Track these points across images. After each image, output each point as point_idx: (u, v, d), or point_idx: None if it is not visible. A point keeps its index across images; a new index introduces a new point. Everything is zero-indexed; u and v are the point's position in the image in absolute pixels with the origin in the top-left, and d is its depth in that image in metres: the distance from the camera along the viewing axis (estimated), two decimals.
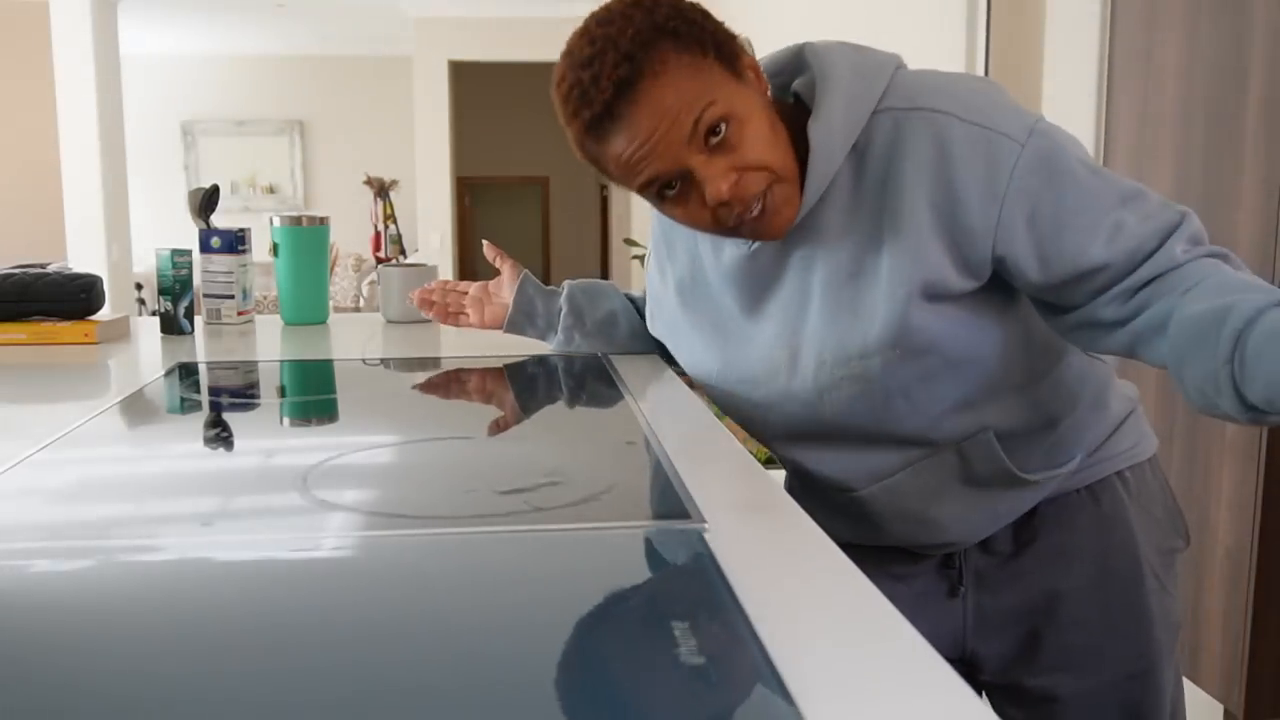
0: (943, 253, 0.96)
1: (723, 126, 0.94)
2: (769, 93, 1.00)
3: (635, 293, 1.46)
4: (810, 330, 1.05)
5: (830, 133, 0.98)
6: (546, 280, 9.26)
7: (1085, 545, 1.14)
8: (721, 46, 0.96)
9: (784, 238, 1.03)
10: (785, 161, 0.98)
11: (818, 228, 1.03)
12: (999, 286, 1.00)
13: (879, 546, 1.19)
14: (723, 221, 0.98)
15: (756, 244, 1.06)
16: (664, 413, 1.15)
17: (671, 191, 0.98)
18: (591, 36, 0.94)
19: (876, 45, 1.08)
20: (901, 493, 1.12)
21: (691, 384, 1.32)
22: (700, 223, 1.00)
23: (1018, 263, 0.95)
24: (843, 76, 1.00)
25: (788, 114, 1.01)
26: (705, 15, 0.97)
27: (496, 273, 1.46)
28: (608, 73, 0.92)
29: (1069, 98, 2.52)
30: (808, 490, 1.18)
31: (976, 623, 1.18)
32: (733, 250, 1.10)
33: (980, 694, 1.21)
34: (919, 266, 0.97)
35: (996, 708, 1.19)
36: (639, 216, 7.66)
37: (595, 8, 0.98)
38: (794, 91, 1.05)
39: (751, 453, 1.01)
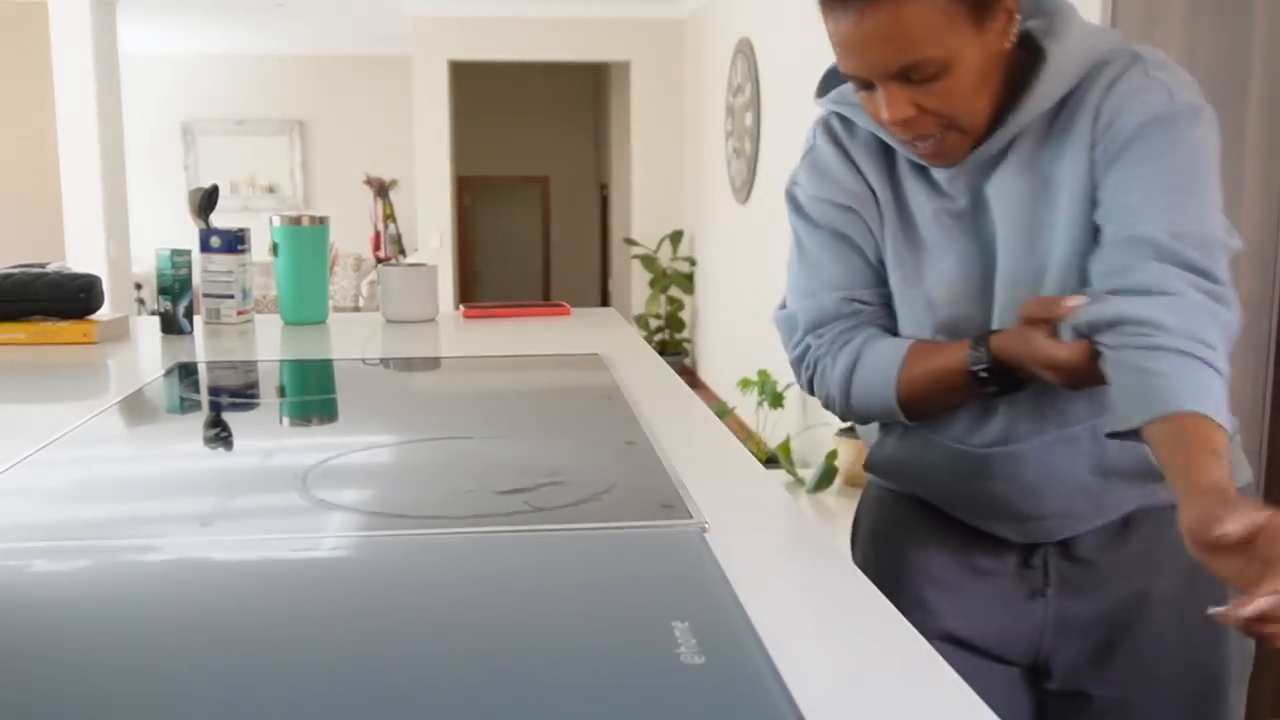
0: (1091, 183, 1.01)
1: (930, 71, 0.96)
2: (1010, 40, 1.00)
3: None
4: (1002, 253, 1.06)
5: (1067, 57, 1.00)
6: (546, 280, 9.20)
7: (1173, 559, 1.08)
8: None
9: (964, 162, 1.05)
10: (973, 113, 1.00)
11: (1010, 156, 1.04)
12: None
13: (963, 533, 1.16)
14: (891, 132, 1.02)
15: (957, 170, 1.08)
16: (664, 413, 1.15)
17: (862, 86, 1.02)
18: None
19: None
20: (1023, 463, 1.09)
21: (693, 385, 1.32)
22: (875, 119, 1.03)
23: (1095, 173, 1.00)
24: (1078, 19, 1.02)
25: (1009, 56, 1.02)
26: None
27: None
28: None
29: None
30: (920, 444, 1.16)
31: (1056, 627, 1.15)
32: (933, 172, 1.10)
33: (1041, 703, 1.18)
34: (1087, 185, 1.01)
35: (1058, 717, 1.18)
36: (639, 216, 7.66)
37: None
38: (1024, 30, 1.05)
39: (751, 452, 1.01)
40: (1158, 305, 0.92)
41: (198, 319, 1.86)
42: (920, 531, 1.21)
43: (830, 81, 1.17)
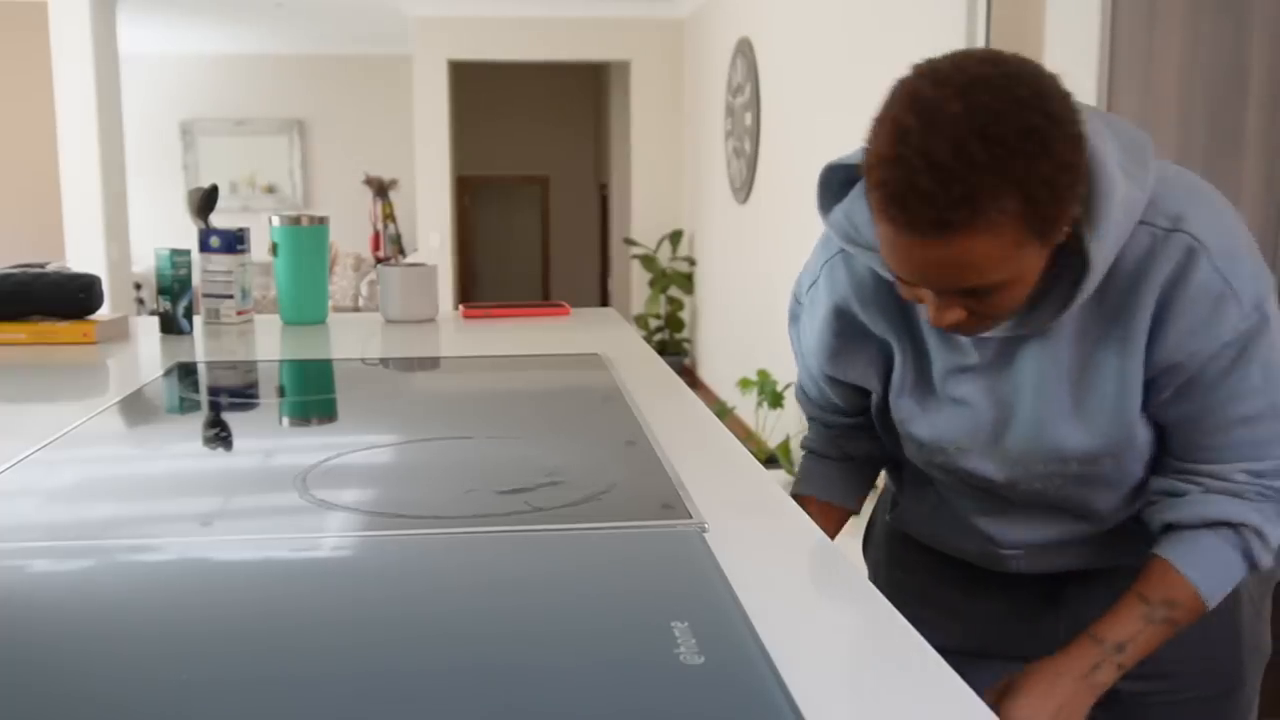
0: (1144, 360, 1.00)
1: (993, 288, 0.91)
2: (1065, 237, 0.93)
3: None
4: (1020, 419, 1.05)
5: (1106, 250, 0.94)
6: (546, 280, 9.20)
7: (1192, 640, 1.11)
8: (1057, 219, 0.87)
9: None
10: (1018, 303, 0.95)
11: (1062, 334, 1.02)
12: None
13: (973, 569, 1.23)
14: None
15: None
16: (664, 413, 1.15)
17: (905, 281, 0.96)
18: (955, 140, 0.83)
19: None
20: (1041, 557, 1.16)
21: (693, 385, 1.32)
22: (907, 298, 0.98)
23: (1157, 387, 1.00)
24: (1118, 188, 0.93)
25: None
26: (1073, 165, 0.86)
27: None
28: (942, 206, 0.84)
29: None
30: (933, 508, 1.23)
31: (1071, 625, 1.16)
32: (967, 342, 1.07)
33: None
34: (1139, 377, 1.00)
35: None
36: (639, 216, 7.66)
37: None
38: None
39: (751, 452, 1.01)
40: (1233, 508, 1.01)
41: (197, 319, 1.86)
42: (928, 564, 1.28)
43: (829, 187, 1.07)
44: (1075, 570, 1.18)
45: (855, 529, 1.40)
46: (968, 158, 0.82)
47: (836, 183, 1.06)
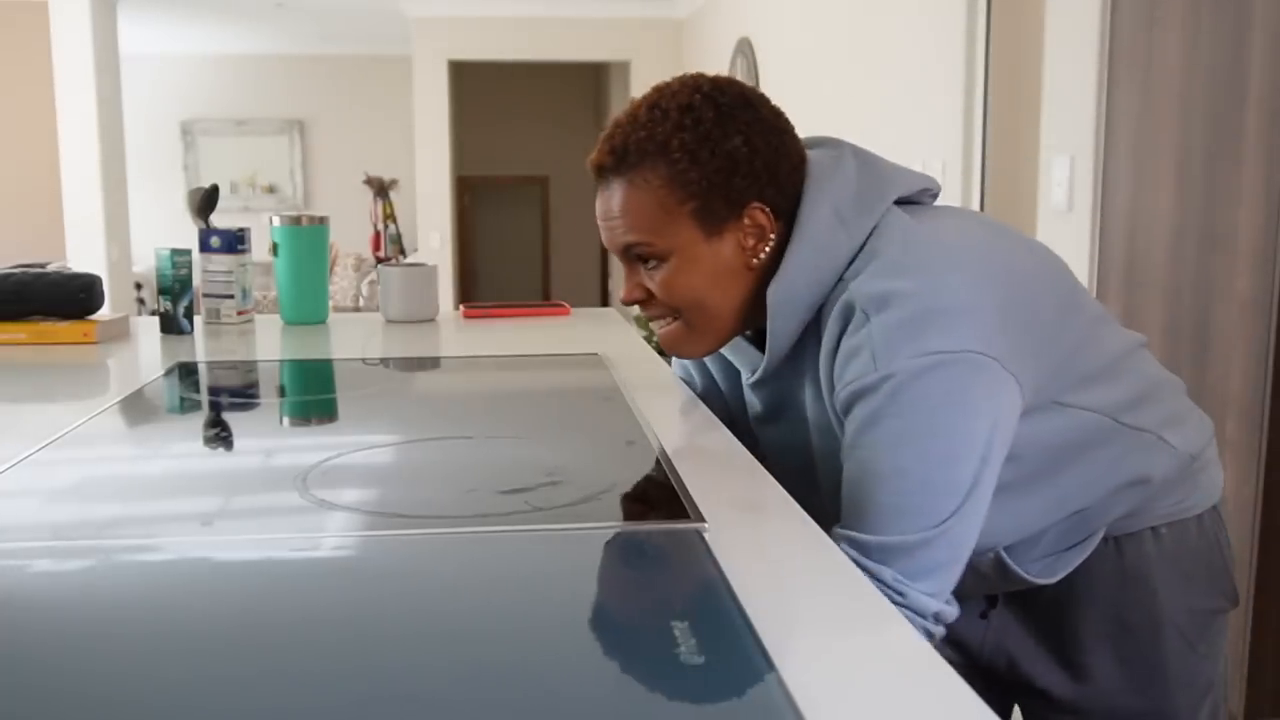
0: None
1: (647, 255, 1.01)
2: (757, 260, 1.00)
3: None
4: (819, 461, 1.07)
5: (789, 299, 0.99)
6: (546, 280, 9.19)
7: (1102, 595, 1.10)
8: (710, 204, 0.97)
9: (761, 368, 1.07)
10: (702, 312, 1.02)
11: (803, 368, 1.04)
12: None
13: None
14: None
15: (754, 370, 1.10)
16: (664, 413, 1.15)
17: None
18: (635, 107, 1.02)
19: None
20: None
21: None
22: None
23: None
24: (818, 234, 0.98)
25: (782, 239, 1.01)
26: (733, 158, 0.96)
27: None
28: (604, 148, 1.01)
29: (1069, 98, 2.52)
30: None
31: (999, 641, 1.17)
32: (743, 374, 1.14)
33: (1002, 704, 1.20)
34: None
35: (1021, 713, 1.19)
36: None
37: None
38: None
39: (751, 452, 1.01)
40: None
41: (198, 319, 1.86)
42: None
43: None
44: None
45: None
46: (632, 117, 1.01)
47: None
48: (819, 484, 1.07)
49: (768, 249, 1.00)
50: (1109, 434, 1.02)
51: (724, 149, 0.96)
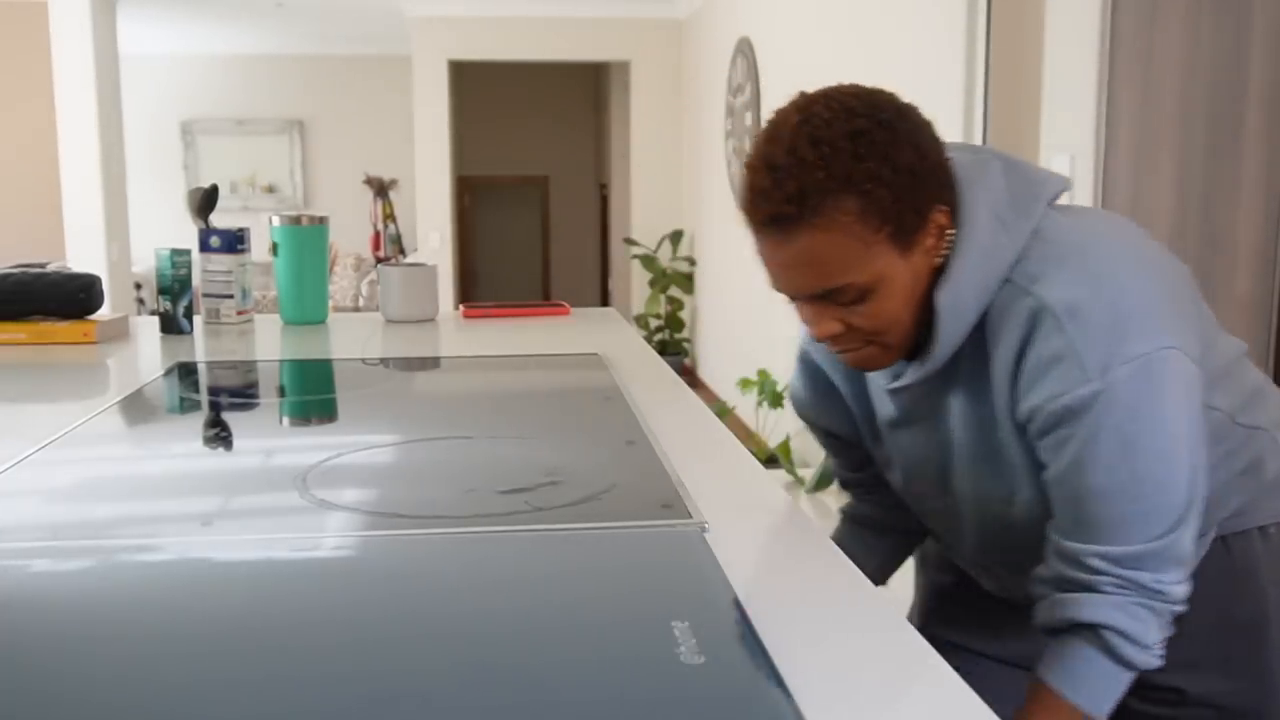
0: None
1: (853, 295, 0.95)
2: (941, 254, 0.97)
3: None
4: (956, 466, 1.06)
5: (957, 302, 0.97)
6: (546, 280, 9.18)
7: (1209, 592, 1.06)
8: (903, 221, 0.93)
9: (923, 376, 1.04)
10: (901, 329, 0.98)
11: (959, 374, 1.03)
12: None
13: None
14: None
15: (890, 386, 1.08)
16: (664, 413, 1.15)
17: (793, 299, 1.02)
18: (791, 145, 0.92)
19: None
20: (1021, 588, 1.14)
21: (693, 385, 1.33)
22: (805, 324, 1.02)
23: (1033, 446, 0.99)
24: (981, 235, 0.96)
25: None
26: (913, 169, 0.92)
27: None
28: (777, 197, 0.92)
29: (1069, 96, 2.52)
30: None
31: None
32: (877, 378, 1.12)
33: None
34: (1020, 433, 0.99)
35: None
36: (639, 216, 7.66)
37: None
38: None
39: (752, 452, 1.01)
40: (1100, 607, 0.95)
41: (197, 319, 1.86)
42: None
43: None
44: None
45: None
46: (798, 158, 0.91)
47: None
48: (951, 487, 1.08)
49: (946, 247, 0.98)
50: (1228, 431, 1.04)
51: (903, 165, 0.92)
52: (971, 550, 1.15)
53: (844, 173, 0.91)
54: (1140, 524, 0.93)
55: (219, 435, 1.08)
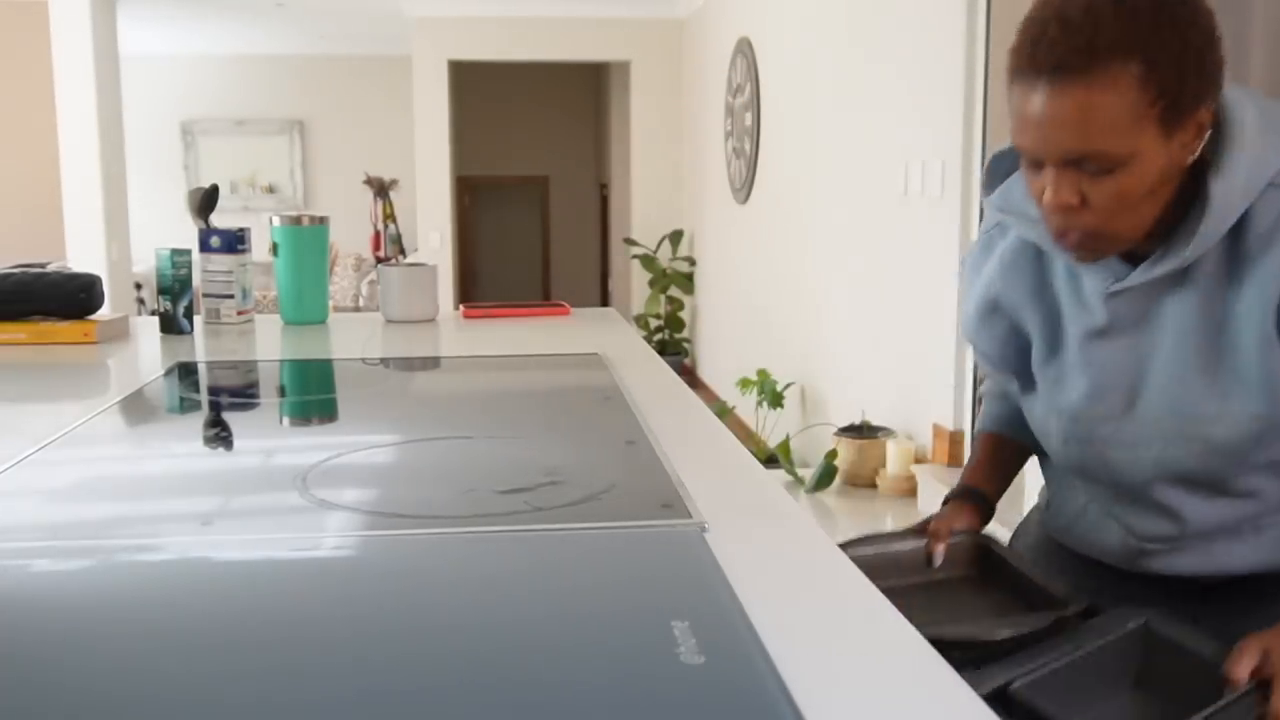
0: None
1: (1105, 165, 0.93)
2: (1194, 154, 0.96)
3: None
4: (1153, 383, 1.03)
5: (1229, 194, 0.95)
6: (546, 280, 9.18)
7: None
8: (1178, 102, 0.91)
9: (1148, 280, 1.02)
10: (1135, 219, 0.96)
11: (1188, 280, 1.01)
12: None
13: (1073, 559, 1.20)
14: (1044, 215, 1.00)
15: (1108, 287, 1.05)
16: (664, 413, 1.15)
17: (1031, 164, 0.99)
18: (1088, 2, 0.91)
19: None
20: (1186, 553, 1.09)
21: (693, 384, 1.32)
22: (1035, 197, 1.00)
23: None
24: (1248, 137, 0.96)
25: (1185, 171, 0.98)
26: (1201, 53, 0.91)
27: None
28: (1063, 51, 0.91)
29: None
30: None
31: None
32: (1091, 283, 1.08)
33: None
34: (1273, 333, 0.96)
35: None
36: (639, 216, 7.66)
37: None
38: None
39: (751, 452, 1.01)
40: None
41: (197, 319, 1.86)
42: (1072, 568, 1.23)
43: (994, 171, 1.16)
44: (1224, 576, 1.10)
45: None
46: (1095, 15, 0.90)
47: (1001, 171, 1.15)
48: (1136, 407, 1.04)
49: (1200, 146, 0.96)
50: None
51: (1194, 45, 0.91)
52: (1123, 485, 1.09)
53: (1140, 36, 0.89)
54: None
55: (219, 435, 1.08)
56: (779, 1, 5.08)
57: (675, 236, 7.42)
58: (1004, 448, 1.29)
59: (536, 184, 11.04)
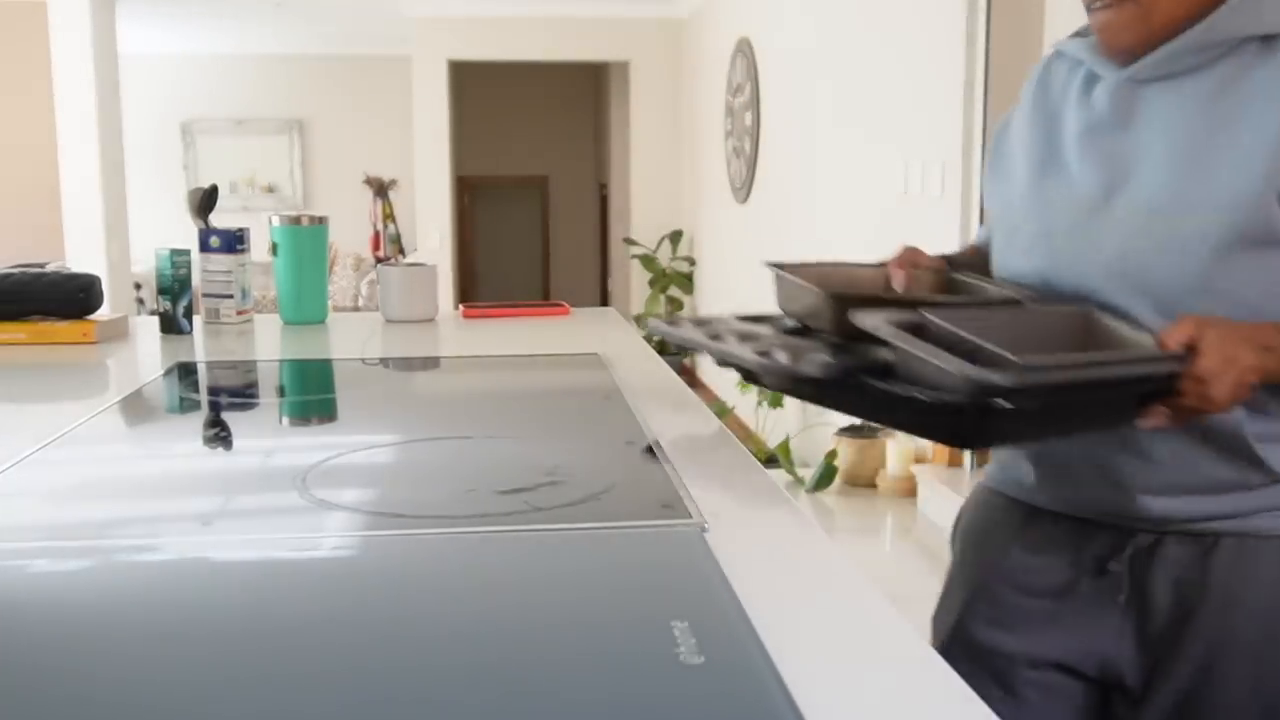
0: None
1: None
2: None
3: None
4: (1141, 173, 1.01)
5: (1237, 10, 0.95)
6: (546, 280, 9.17)
7: (1256, 600, 1.00)
8: None
9: (1141, 71, 1.02)
10: (1166, 6, 0.97)
11: (1202, 78, 0.99)
12: None
13: (1046, 531, 1.11)
14: (1090, 10, 1.02)
15: (1119, 78, 1.04)
16: (664, 413, 1.15)
17: None
18: None
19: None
20: (1182, 495, 1.02)
21: (693, 385, 1.32)
22: (1084, 4, 1.02)
23: None
24: None
25: None
26: None
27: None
28: None
29: None
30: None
31: (1128, 637, 1.06)
32: (1106, 78, 1.07)
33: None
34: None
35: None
36: (639, 216, 7.66)
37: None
38: None
39: (751, 452, 1.01)
40: None
41: (197, 319, 1.86)
42: (1007, 530, 1.16)
43: (998, 148, 1.19)
44: (1216, 532, 1.02)
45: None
46: None
47: (1002, 150, 1.18)
48: (1113, 206, 1.02)
49: None
50: None
51: None
52: (1083, 274, 1.05)
53: None
54: None
55: (219, 435, 1.08)
56: (779, 1, 5.07)
57: (675, 236, 7.42)
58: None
59: (536, 184, 11.04)
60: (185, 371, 1.41)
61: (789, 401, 4.85)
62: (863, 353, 0.94)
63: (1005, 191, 1.16)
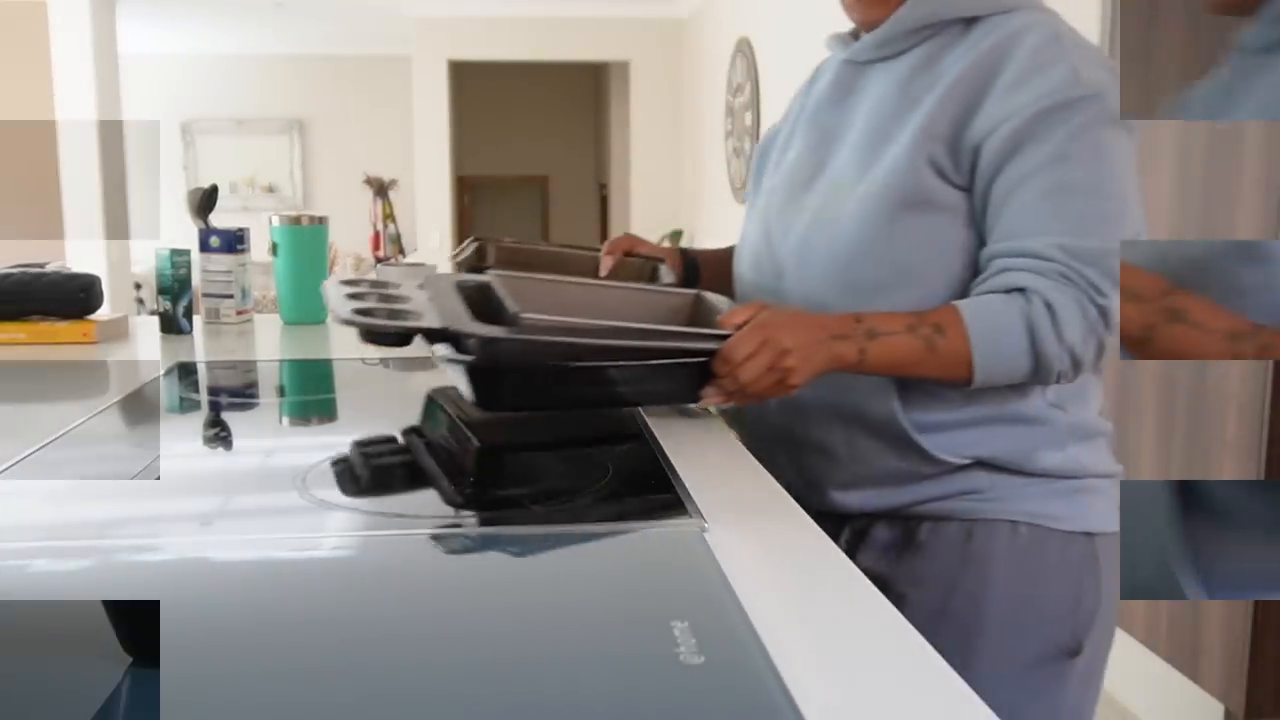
0: (949, 125, 0.99)
1: None
2: None
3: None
4: (840, 151, 1.06)
5: None
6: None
7: (935, 574, 1.03)
8: None
9: (872, 48, 1.08)
10: None
11: (911, 64, 1.04)
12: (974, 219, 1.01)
13: None
14: None
15: (839, 60, 1.12)
16: (664, 413, 1.15)
17: None
18: None
19: None
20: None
21: None
22: None
23: (981, 166, 0.98)
24: None
25: None
26: None
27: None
28: None
29: None
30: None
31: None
32: (826, 75, 1.17)
33: None
34: (931, 137, 0.99)
35: None
36: (639, 216, 7.66)
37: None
38: None
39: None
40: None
41: (197, 319, 1.86)
42: None
43: (763, 154, 1.25)
44: (919, 515, 1.05)
45: None
46: None
47: (767, 156, 1.23)
48: (818, 181, 1.08)
49: None
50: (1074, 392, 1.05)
51: None
52: (787, 280, 1.10)
53: None
54: (1105, 223, 0.95)
55: (219, 435, 1.08)
56: (779, 1, 5.07)
57: (675, 236, 7.41)
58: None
59: (536, 184, 11.04)
60: (185, 371, 1.41)
61: None
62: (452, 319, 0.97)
63: (755, 188, 1.23)
